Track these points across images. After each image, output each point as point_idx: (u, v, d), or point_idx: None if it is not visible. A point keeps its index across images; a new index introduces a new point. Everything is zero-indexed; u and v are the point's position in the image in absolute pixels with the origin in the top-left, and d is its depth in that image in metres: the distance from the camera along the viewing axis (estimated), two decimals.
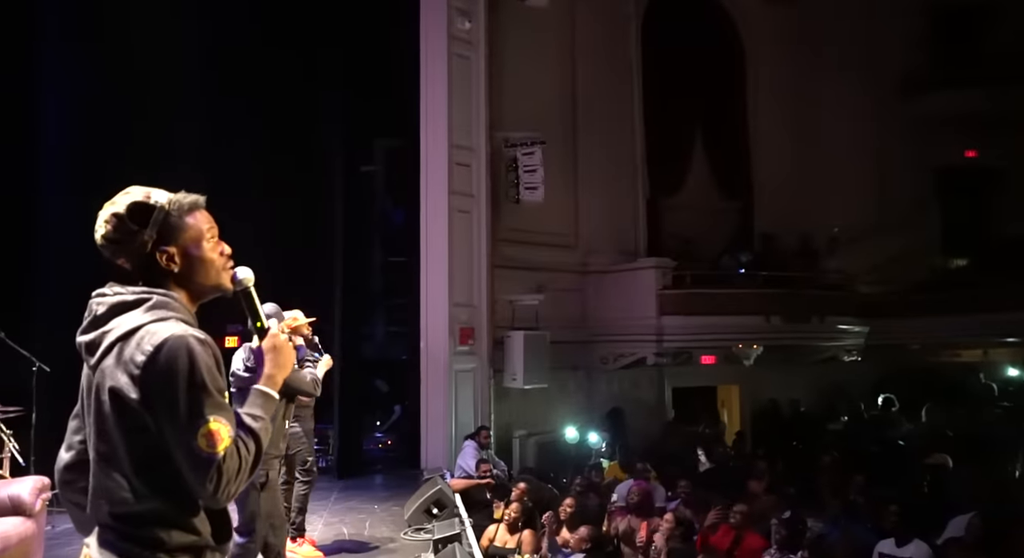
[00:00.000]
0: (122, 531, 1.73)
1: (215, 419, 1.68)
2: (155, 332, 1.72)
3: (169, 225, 1.85)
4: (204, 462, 1.65)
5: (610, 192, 12.35)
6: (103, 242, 1.84)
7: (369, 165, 11.88)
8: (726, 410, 13.50)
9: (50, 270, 7.97)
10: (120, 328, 1.75)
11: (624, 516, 6.74)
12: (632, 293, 11.64)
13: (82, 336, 1.82)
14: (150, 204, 1.85)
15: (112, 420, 1.72)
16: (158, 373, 1.68)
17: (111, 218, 1.83)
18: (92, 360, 1.78)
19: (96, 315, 1.81)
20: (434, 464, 9.20)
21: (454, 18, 10.03)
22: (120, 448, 1.72)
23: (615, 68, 12.56)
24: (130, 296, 1.80)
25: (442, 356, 9.66)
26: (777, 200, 13.57)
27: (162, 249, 1.84)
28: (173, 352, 1.69)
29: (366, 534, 6.33)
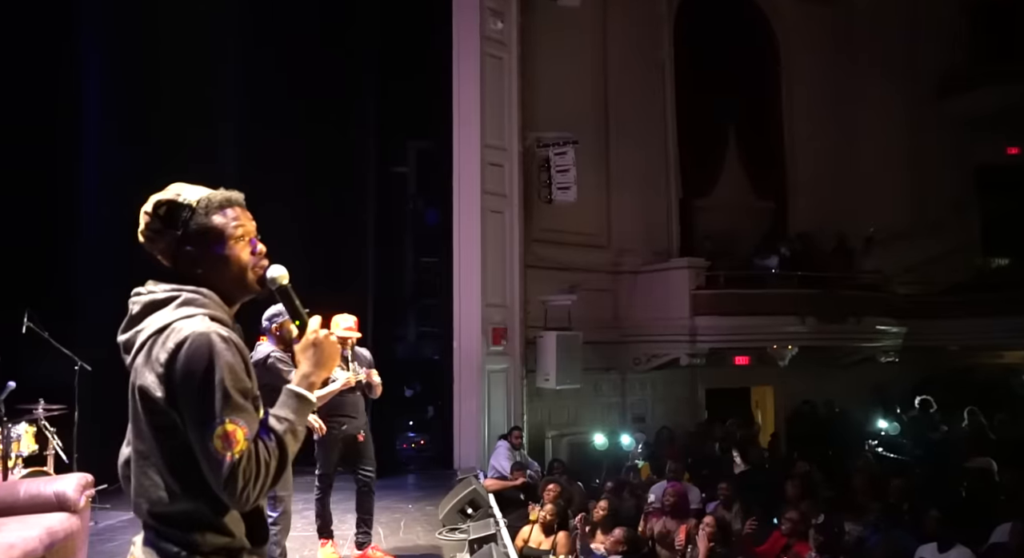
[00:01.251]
0: (159, 531, 1.73)
1: (230, 420, 1.65)
2: (180, 329, 1.71)
3: (194, 225, 1.84)
4: (218, 464, 1.63)
5: (643, 192, 12.28)
6: (140, 239, 1.87)
7: (402, 166, 11.93)
8: (760, 411, 13.36)
9: (92, 269, 8.11)
10: (151, 326, 1.76)
11: (659, 518, 6.69)
12: (665, 293, 11.56)
13: (120, 335, 1.85)
14: (178, 202, 1.84)
15: (144, 419, 1.73)
16: (179, 371, 1.67)
17: (143, 216, 1.86)
18: (128, 359, 1.80)
19: (131, 314, 1.83)
20: (467, 464, 9.21)
21: (486, 18, 10.04)
22: (153, 447, 1.72)
23: (648, 67, 12.48)
24: (161, 294, 1.81)
25: (475, 356, 9.67)
26: (812, 199, 13.40)
27: (189, 248, 1.84)
28: (193, 350, 1.68)
29: (400, 534, 6.35)
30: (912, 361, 13.17)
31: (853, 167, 13.58)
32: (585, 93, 11.76)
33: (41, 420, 6.44)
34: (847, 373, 12.80)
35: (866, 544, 5.83)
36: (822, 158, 13.55)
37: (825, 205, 13.29)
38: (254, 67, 8.97)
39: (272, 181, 8.82)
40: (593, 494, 8.15)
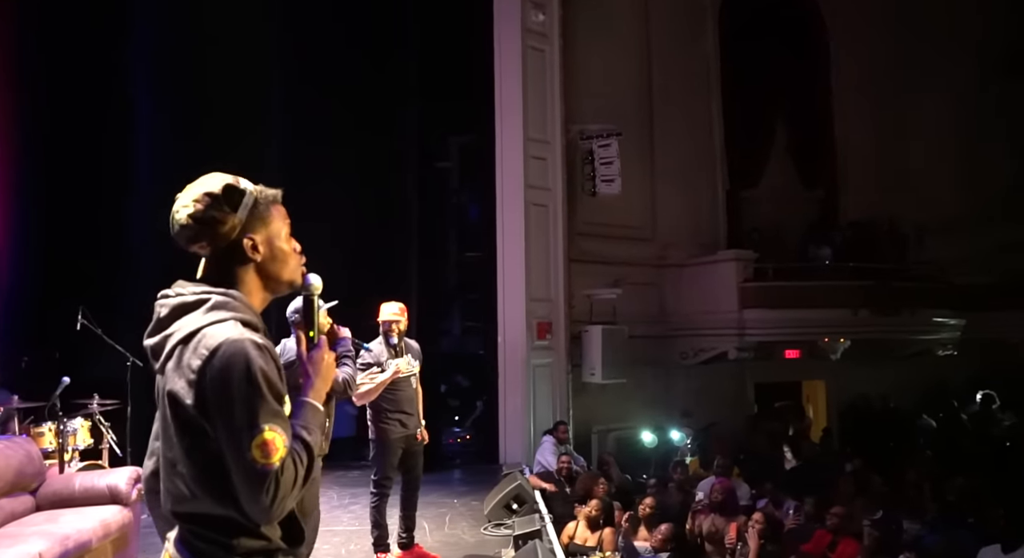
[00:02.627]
0: (195, 532, 1.70)
1: (270, 428, 1.60)
2: (212, 335, 1.65)
3: (257, 212, 1.79)
4: (259, 474, 1.57)
5: (688, 183, 12.10)
6: (188, 222, 1.74)
7: (444, 161, 11.93)
8: (811, 406, 13.09)
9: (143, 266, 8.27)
10: (181, 331, 1.69)
11: (707, 515, 6.58)
12: (712, 286, 11.40)
13: (147, 340, 1.77)
14: (241, 188, 1.79)
15: (174, 426, 1.67)
16: (213, 378, 1.61)
17: (203, 197, 1.75)
18: (157, 364, 1.73)
19: (159, 318, 1.75)
20: (512, 459, 9.19)
21: (528, 11, 9.97)
22: (182, 454, 1.67)
23: (692, 55, 12.29)
24: (190, 297, 1.73)
25: (519, 351, 9.63)
26: (863, 188, 13.05)
27: (249, 236, 1.77)
28: (228, 356, 1.62)
29: (445, 529, 6.35)
30: (971, 354, 12.74)
31: (906, 153, 13.18)
32: (629, 83, 11.62)
33: (96, 414, 6.59)
34: (903, 367, 12.43)
35: (924, 543, 5.64)
36: (873, 145, 13.17)
37: (877, 194, 12.93)
38: (297, 66, 9.05)
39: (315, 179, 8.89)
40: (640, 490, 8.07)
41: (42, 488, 5.00)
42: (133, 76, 8.45)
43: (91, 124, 8.03)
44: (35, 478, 5.00)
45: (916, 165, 13.11)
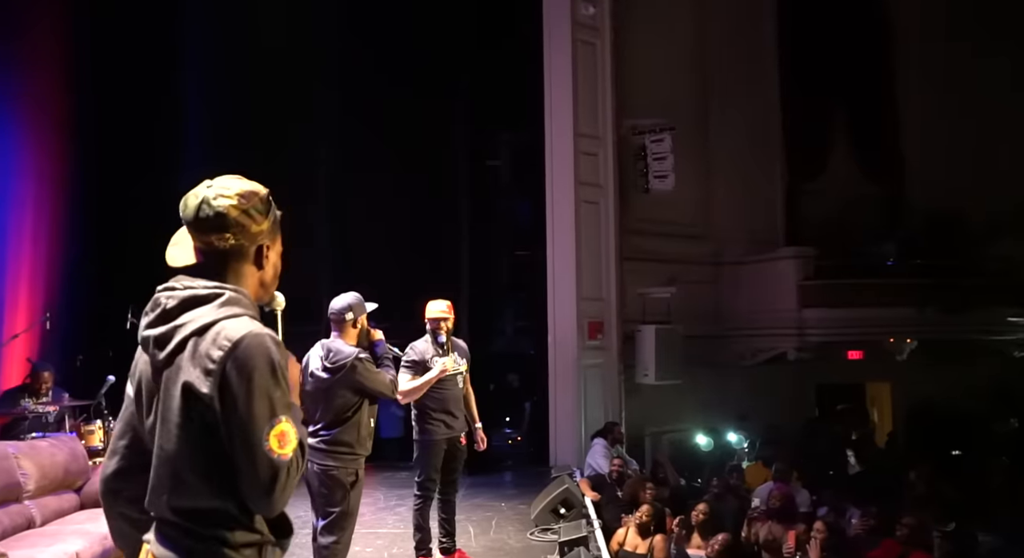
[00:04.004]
0: (184, 528, 1.67)
1: (287, 419, 1.64)
2: (231, 328, 1.66)
3: (276, 226, 1.84)
4: (273, 464, 1.60)
5: (745, 179, 11.75)
6: (226, 212, 1.73)
7: (494, 159, 11.82)
8: (876, 409, 12.61)
9: None
10: (194, 323, 1.68)
11: (765, 522, 6.29)
12: (770, 285, 11.07)
13: (149, 330, 1.72)
14: (267, 197, 1.81)
15: (181, 416, 1.64)
16: (235, 369, 1.62)
17: (249, 195, 1.77)
18: (161, 355, 1.69)
19: (166, 309, 1.72)
20: (563, 461, 9.00)
21: (578, 4, 9.79)
22: (186, 445, 1.65)
23: (749, 46, 11.93)
24: (203, 290, 1.72)
25: (571, 351, 9.44)
26: (931, 181, 12.45)
27: (267, 244, 1.81)
28: (251, 349, 1.63)
29: (491, 534, 6.20)
30: None
31: (976, 144, 12.53)
32: (683, 76, 11.34)
33: None
34: (974, 369, 11.86)
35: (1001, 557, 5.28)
36: (942, 137, 12.54)
37: (945, 186, 12.31)
38: (348, 67, 9.10)
39: (366, 179, 8.89)
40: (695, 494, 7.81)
41: (86, 486, 5.03)
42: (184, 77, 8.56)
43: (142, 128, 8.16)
44: (80, 476, 5.03)
45: (986, 156, 12.48)
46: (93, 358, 7.43)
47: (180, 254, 1.80)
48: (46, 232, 7.79)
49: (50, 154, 7.88)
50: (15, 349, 6.99)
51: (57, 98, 7.94)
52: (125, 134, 8.02)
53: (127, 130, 8.01)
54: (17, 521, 4.38)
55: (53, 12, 7.89)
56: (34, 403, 6.15)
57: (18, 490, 4.49)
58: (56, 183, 7.91)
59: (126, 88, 8.02)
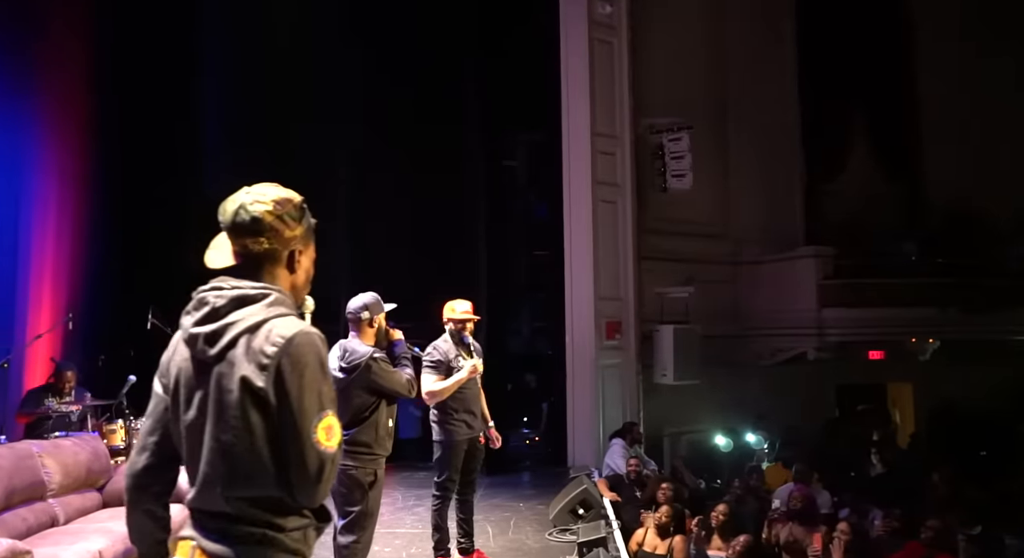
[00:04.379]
0: (239, 516, 1.74)
1: (333, 413, 1.75)
2: (282, 326, 1.77)
3: (310, 233, 1.94)
4: (321, 455, 1.70)
5: (764, 177, 11.66)
6: (263, 217, 1.83)
7: (511, 159, 11.81)
8: (897, 410, 12.48)
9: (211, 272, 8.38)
10: (245, 321, 1.77)
11: (785, 524, 6.24)
12: (790, 284, 10.99)
13: (198, 327, 1.80)
14: (302, 204, 1.91)
15: (238, 409, 1.72)
16: (288, 364, 1.72)
17: (284, 201, 1.86)
18: (212, 351, 1.77)
19: (215, 307, 1.80)
20: (581, 462, 8.98)
21: (594, 3, 9.76)
22: (246, 436, 1.72)
23: (767, 44, 11.84)
24: (251, 290, 1.82)
25: (588, 351, 9.41)
26: (952, 178, 12.30)
27: (299, 249, 1.91)
28: (303, 346, 1.75)
29: (510, 534, 6.19)
30: None
31: (998, 141, 12.37)
32: (701, 75, 11.27)
33: None
34: (999, 369, 11.70)
35: None
36: (963, 135, 12.40)
37: (967, 184, 12.16)
38: (361, 68, 9.11)
39: (382, 180, 8.91)
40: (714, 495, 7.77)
41: (109, 485, 5.07)
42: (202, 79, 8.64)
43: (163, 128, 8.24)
44: (102, 475, 5.07)
45: (1008, 153, 12.31)
46: (114, 358, 7.50)
47: (218, 256, 1.90)
48: (69, 232, 7.87)
49: (72, 154, 7.96)
50: (39, 349, 7.06)
51: (80, 99, 8.02)
52: (146, 134, 8.10)
53: (148, 130, 8.09)
54: (41, 519, 4.42)
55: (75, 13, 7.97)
56: (57, 402, 6.21)
57: (42, 488, 4.54)
58: (78, 183, 7.99)
59: (146, 89, 8.10)
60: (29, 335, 7.06)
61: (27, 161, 7.47)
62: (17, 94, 7.33)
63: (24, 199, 7.43)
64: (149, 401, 1.94)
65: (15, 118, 7.31)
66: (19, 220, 7.37)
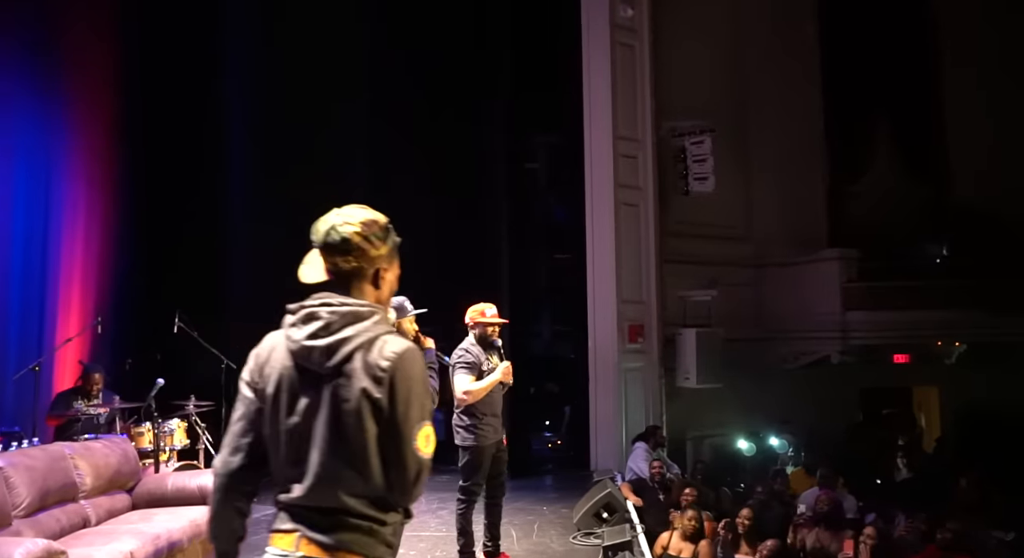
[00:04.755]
0: (348, 511, 1.89)
1: (430, 424, 1.94)
2: (393, 342, 1.94)
3: (393, 253, 2.07)
4: (419, 461, 1.89)
5: (787, 179, 11.60)
6: (352, 238, 1.98)
7: (533, 162, 11.82)
8: (923, 414, 12.35)
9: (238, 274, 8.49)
10: (360, 337, 1.93)
11: (811, 529, 6.20)
12: (814, 287, 10.92)
13: (312, 340, 1.93)
14: (387, 225, 2.06)
15: (356, 417, 1.88)
16: (401, 376, 1.90)
17: (371, 223, 2.02)
18: (329, 363, 1.91)
19: (328, 322, 1.94)
20: (604, 465, 8.97)
21: (616, 6, 9.75)
22: (360, 441, 1.88)
23: (789, 46, 11.77)
24: (360, 308, 1.97)
25: (610, 354, 9.40)
26: (979, 180, 12.15)
27: (384, 268, 2.05)
28: (411, 361, 1.93)
29: (534, 538, 6.19)
30: None
31: None
32: (723, 77, 11.24)
33: (192, 416, 6.74)
34: None
35: None
36: (989, 131, 12.23)
37: (993, 184, 11.98)
38: (384, 70, 9.14)
39: (404, 182, 8.94)
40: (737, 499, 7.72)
41: (138, 487, 5.13)
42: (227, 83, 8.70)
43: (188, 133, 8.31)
44: (131, 477, 5.13)
45: None
46: (141, 361, 7.59)
47: (311, 272, 2.04)
48: (97, 236, 7.96)
49: (99, 158, 8.04)
50: (68, 352, 7.16)
51: (106, 102, 8.11)
52: (172, 137, 8.19)
53: (173, 133, 8.18)
54: (74, 520, 4.49)
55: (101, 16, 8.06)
56: (86, 405, 6.30)
57: (74, 490, 4.61)
58: (105, 187, 8.08)
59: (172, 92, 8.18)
60: (59, 339, 7.16)
61: (55, 166, 7.57)
62: (45, 99, 7.44)
63: (53, 204, 7.53)
64: (237, 403, 2.06)
65: (43, 123, 7.42)
66: (49, 225, 7.48)
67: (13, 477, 4.18)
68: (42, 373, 6.53)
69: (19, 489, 4.17)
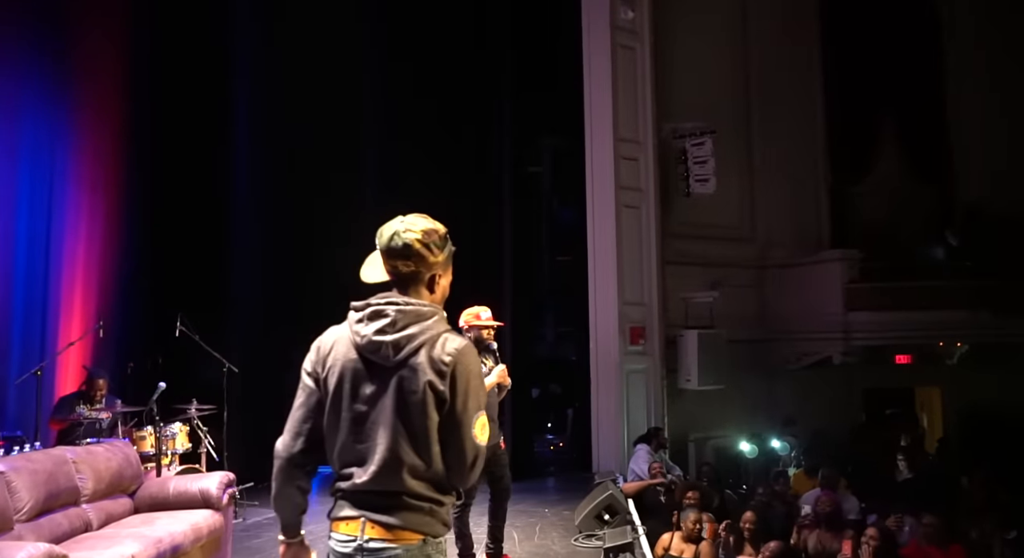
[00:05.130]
0: (413, 493, 2.08)
1: (485, 414, 2.15)
2: (453, 339, 2.15)
3: (449, 260, 2.24)
4: (475, 448, 2.11)
5: (789, 180, 11.61)
6: (413, 244, 2.16)
7: (535, 165, 11.84)
8: (926, 414, 12.33)
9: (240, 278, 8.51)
10: (424, 334, 2.12)
11: (813, 530, 6.19)
12: (816, 288, 10.91)
13: (380, 336, 2.12)
14: (448, 238, 2.24)
15: (419, 406, 2.08)
16: (461, 370, 2.10)
17: (431, 232, 2.19)
18: (396, 356, 2.10)
19: (394, 319, 2.13)
20: (606, 467, 8.96)
21: (617, 8, 9.75)
22: (425, 428, 2.08)
23: (792, 45, 11.78)
24: (423, 308, 2.16)
25: (613, 356, 9.40)
26: (982, 179, 12.15)
27: (439, 274, 2.22)
28: (469, 357, 2.15)
29: (536, 539, 6.20)
30: None
31: None
32: (723, 78, 11.25)
33: (194, 419, 6.74)
34: None
35: None
36: (995, 134, 12.22)
37: (997, 184, 11.98)
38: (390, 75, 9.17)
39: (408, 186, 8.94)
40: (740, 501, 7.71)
41: (140, 491, 5.14)
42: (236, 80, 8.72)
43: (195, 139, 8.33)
44: (133, 480, 5.14)
45: None
46: (143, 365, 7.61)
47: (372, 273, 2.25)
48: (99, 240, 7.96)
49: (104, 162, 8.03)
50: (70, 356, 7.17)
51: (113, 107, 8.11)
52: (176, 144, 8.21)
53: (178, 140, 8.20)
54: (76, 524, 4.50)
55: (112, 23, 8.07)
56: (89, 409, 6.30)
57: (76, 494, 4.62)
58: (109, 191, 8.07)
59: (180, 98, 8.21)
60: (61, 343, 7.16)
61: (59, 169, 7.57)
62: (50, 103, 7.44)
63: (56, 207, 7.53)
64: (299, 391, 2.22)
65: (48, 125, 7.42)
66: (51, 228, 7.48)
67: (15, 481, 4.19)
68: (44, 377, 6.53)
69: (21, 493, 4.19)
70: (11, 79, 7.11)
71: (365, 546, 2.08)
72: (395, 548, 2.07)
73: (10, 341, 6.90)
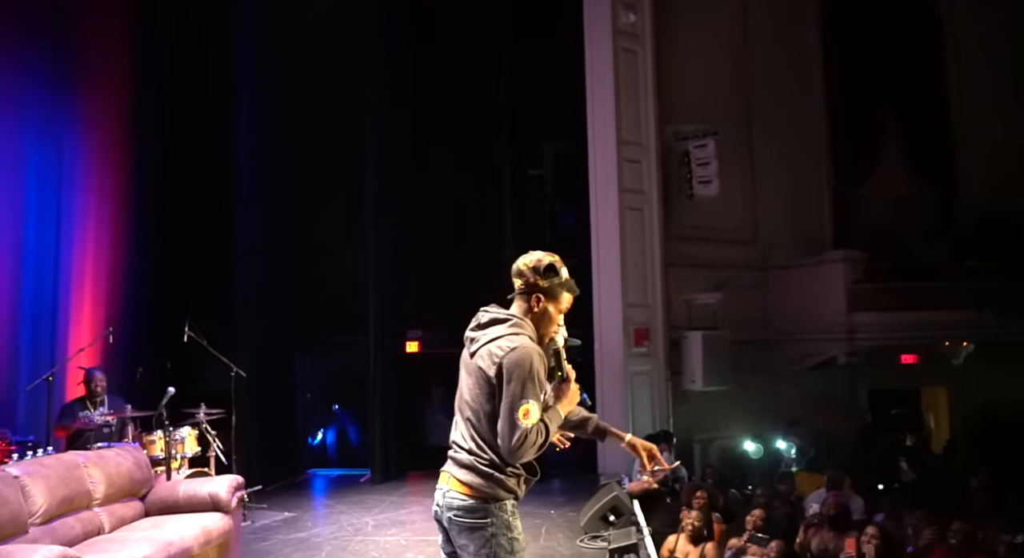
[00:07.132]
0: (478, 456, 2.66)
1: (531, 402, 2.58)
2: (511, 339, 2.67)
3: (552, 288, 2.78)
4: (516, 427, 2.55)
5: (792, 182, 11.64)
6: (520, 268, 2.79)
7: (537, 168, 11.87)
8: (932, 415, 12.33)
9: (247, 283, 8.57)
10: (492, 333, 2.72)
11: (818, 530, 6.22)
12: (819, 288, 10.95)
13: (470, 332, 2.81)
14: (557, 269, 2.80)
15: (476, 390, 2.69)
16: (508, 363, 2.61)
17: (535, 262, 2.78)
18: (473, 348, 2.75)
19: (480, 322, 2.80)
20: (612, 468, 9.00)
21: (619, 12, 9.80)
22: (483, 408, 2.66)
23: (793, 47, 11.82)
24: (502, 315, 2.77)
25: (617, 358, 9.44)
26: (985, 179, 12.14)
27: (538, 296, 2.77)
28: (520, 353, 2.62)
29: (541, 541, 6.24)
30: None
31: None
32: (725, 80, 11.28)
33: (203, 423, 6.80)
34: None
35: None
36: (998, 134, 12.22)
37: (1000, 184, 11.97)
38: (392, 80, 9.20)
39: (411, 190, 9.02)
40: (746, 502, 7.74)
41: (150, 495, 5.20)
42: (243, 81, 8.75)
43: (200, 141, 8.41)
44: (143, 484, 5.21)
45: None
46: (152, 370, 7.68)
47: None
48: (108, 245, 8.02)
49: (112, 167, 8.08)
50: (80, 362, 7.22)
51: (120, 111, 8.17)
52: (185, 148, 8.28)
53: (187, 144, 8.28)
54: (88, 527, 4.56)
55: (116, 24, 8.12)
56: (92, 410, 6.36)
57: (88, 498, 4.68)
58: (117, 196, 8.11)
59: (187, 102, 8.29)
60: (71, 349, 7.22)
61: (66, 175, 7.61)
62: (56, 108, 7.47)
63: (64, 212, 7.58)
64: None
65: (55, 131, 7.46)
66: (60, 234, 7.54)
67: (29, 486, 4.26)
68: (55, 383, 6.60)
69: (35, 497, 4.26)
70: (16, 84, 7.15)
71: (446, 493, 2.71)
72: (461, 498, 2.66)
73: (21, 347, 6.96)
